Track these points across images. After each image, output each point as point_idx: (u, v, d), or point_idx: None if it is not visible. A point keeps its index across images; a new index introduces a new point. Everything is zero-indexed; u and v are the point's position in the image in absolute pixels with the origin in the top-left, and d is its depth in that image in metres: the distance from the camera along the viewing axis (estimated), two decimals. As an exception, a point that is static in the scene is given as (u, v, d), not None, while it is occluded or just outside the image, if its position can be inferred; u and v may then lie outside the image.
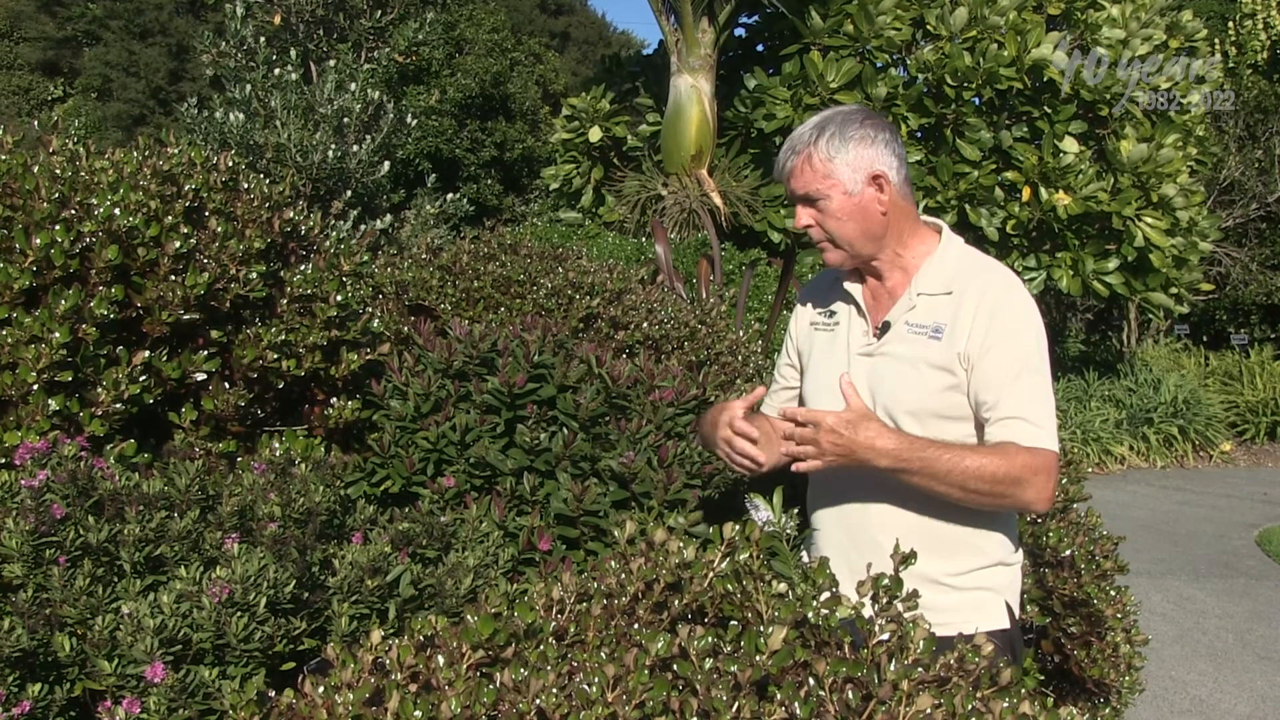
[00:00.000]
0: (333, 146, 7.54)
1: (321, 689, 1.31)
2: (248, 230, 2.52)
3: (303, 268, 2.60)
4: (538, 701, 1.22)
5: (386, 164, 8.04)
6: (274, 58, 7.99)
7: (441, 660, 1.32)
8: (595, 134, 11.81)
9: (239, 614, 1.66)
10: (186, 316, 2.36)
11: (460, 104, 18.85)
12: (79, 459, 1.91)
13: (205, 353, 2.40)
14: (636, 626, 1.43)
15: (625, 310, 3.90)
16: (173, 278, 2.37)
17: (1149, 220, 10.22)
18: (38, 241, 2.23)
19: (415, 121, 8.74)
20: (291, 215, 2.67)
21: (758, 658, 1.24)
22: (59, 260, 2.24)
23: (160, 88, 28.07)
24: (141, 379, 2.27)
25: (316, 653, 1.78)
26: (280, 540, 1.85)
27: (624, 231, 10.81)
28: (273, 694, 1.60)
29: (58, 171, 2.41)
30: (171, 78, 28.39)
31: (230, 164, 2.67)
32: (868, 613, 1.35)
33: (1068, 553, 2.60)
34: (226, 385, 2.42)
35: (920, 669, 1.26)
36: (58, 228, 2.26)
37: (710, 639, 1.28)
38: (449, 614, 1.89)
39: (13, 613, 1.65)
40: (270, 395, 2.56)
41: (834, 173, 1.93)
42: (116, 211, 2.31)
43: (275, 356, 2.46)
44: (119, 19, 28.63)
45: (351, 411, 2.57)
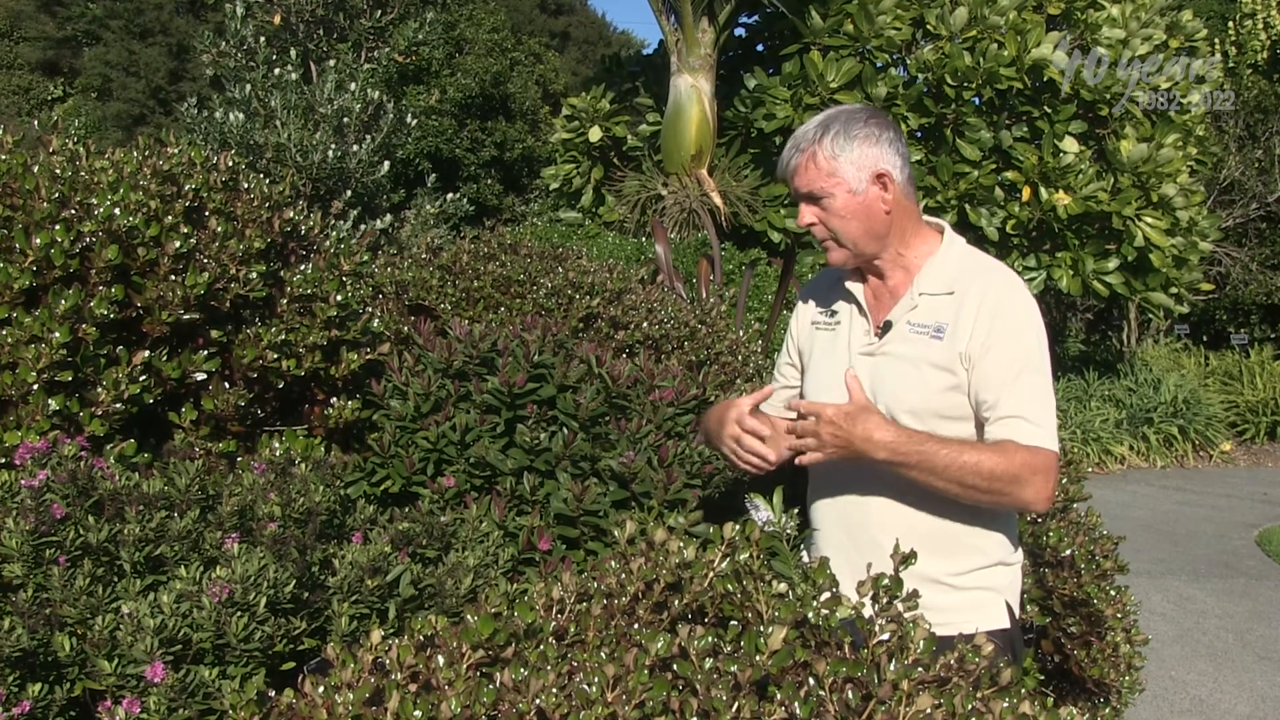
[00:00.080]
0: (333, 146, 7.54)
1: (321, 689, 1.31)
2: (248, 230, 2.52)
3: (303, 268, 2.60)
4: (538, 701, 1.22)
5: (386, 164, 8.05)
6: (274, 58, 7.99)
7: (441, 660, 1.32)
8: (595, 134, 11.81)
9: (239, 614, 1.66)
10: (186, 316, 2.36)
11: (460, 104, 18.84)
12: (79, 459, 1.91)
13: (205, 353, 2.40)
14: (636, 626, 1.43)
15: (625, 310, 3.90)
16: (173, 277, 2.37)
17: (1149, 220, 10.22)
18: (38, 241, 2.23)
19: (415, 121, 8.75)
20: (291, 215, 2.67)
21: (758, 658, 1.24)
22: (59, 260, 2.24)
23: (160, 88, 28.07)
24: (141, 379, 2.27)
25: (316, 653, 1.78)
26: (280, 540, 1.85)
27: (624, 231, 10.81)
28: (273, 694, 1.59)
29: (58, 171, 2.41)
30: (171, 78, 28.39)
31: (230, 164, 2.67)
32: (868, 613, 1.35)
33: (1068, 552, 2.60)
34: (226, 385, 2.42)
35: (920, 669, 1.26)
36: (58, 228, 2.26)
37: (710, 639, 1.28)
38: (449, 614, 1.89)
39: (13, 613, 1.65)
40: (270, 395, 2.56)
41: (838, 171, 1.93)
42: (116, 211, 2.31)
43: (275, 356, 2.46)
44: (119, 19, 28.63)
45: (351, 411, 2.57)
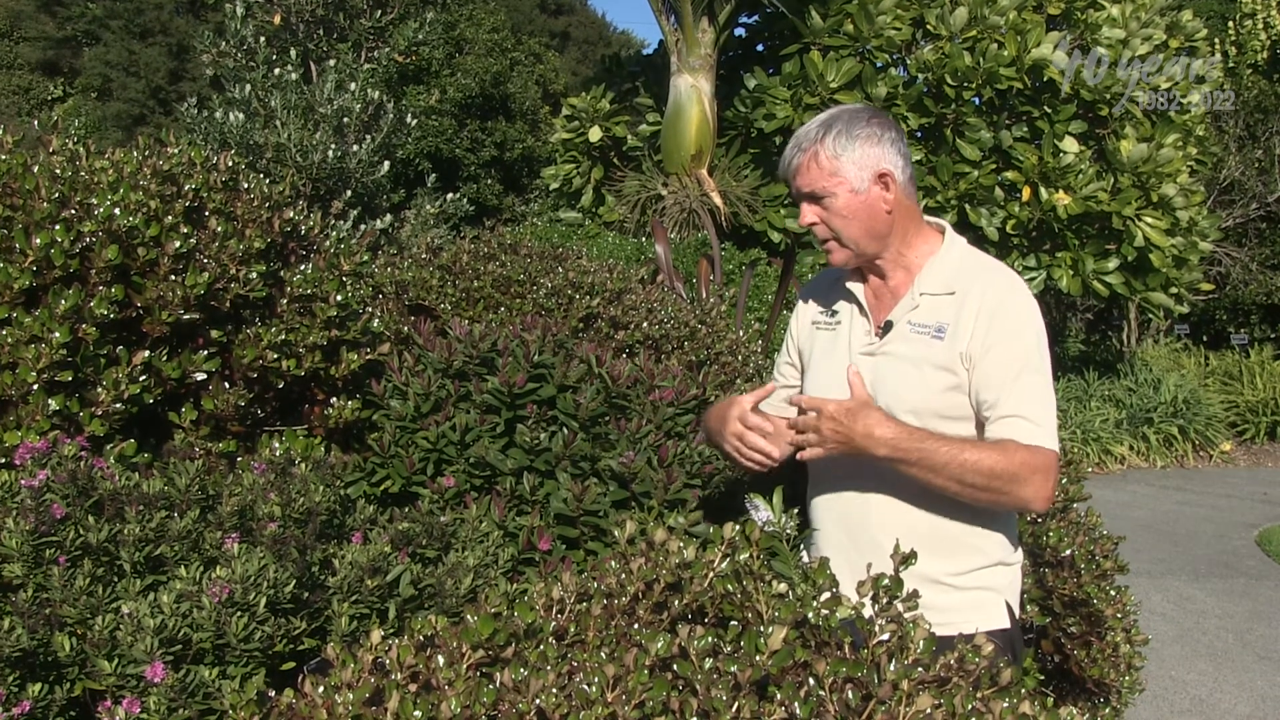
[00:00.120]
0: (333, 146, 7.54)
1: (321, 689, 1.31)
2: (248, 230, 2.52)
3: (303, 268, 2.60)
4: (537, 701, 1.21)
5: (386, 164, 8.05)
6: (274, 58, 7.99)
7: (441, 660, 1.32)
8: (595, 134, 11.81)
9: (239, 614, 1.66)
10: (186, 316, 2.36)
11: (460, 104, 18.84)
12: (79, 459, 1.91)
13: (205, 353, 2.40)
14: (636, 626, 1.43)
15: (625, 310, 3.90)
16: (173, 277, 2.36)
17: (1149, 220, 10.22)
18: (38, 241, 2.23)
19: (415, 121, 8.75)
20: (291, 215, 2.67)
21: (758, 658, 1.24)
22: (59, 260, 2.24)
23: (160, 88, 28.07)
24: (141, 379, 2.27)
25: (316, 653, 1.78)
26: (280, 540, 1.85)
27: (624, 231, 10.81)
28: (273, 694, 1.59)
29: (58, 171, 2.41)
30: (171, 78, 28.39)
31: (230, 164, 2.67)
32: (868, 613, 1.35)
33: (1068, 552, 2.60)
34: (226, 385, 2.42)
35: (920, 669, 1.26)
36: (58, 228, 2.26)
37: (710, 639, 1.28)
38: (449, 614, 1.89)
39: (13, 613, 1.65)
40: (270, 395, 2.56)
41: (840, 170, 1.93)
42: (116, 211, 2.31)
43: (275, 356, 2.46)
44: (119, 19, 28.63)
45: (351, 411, 2.57)
